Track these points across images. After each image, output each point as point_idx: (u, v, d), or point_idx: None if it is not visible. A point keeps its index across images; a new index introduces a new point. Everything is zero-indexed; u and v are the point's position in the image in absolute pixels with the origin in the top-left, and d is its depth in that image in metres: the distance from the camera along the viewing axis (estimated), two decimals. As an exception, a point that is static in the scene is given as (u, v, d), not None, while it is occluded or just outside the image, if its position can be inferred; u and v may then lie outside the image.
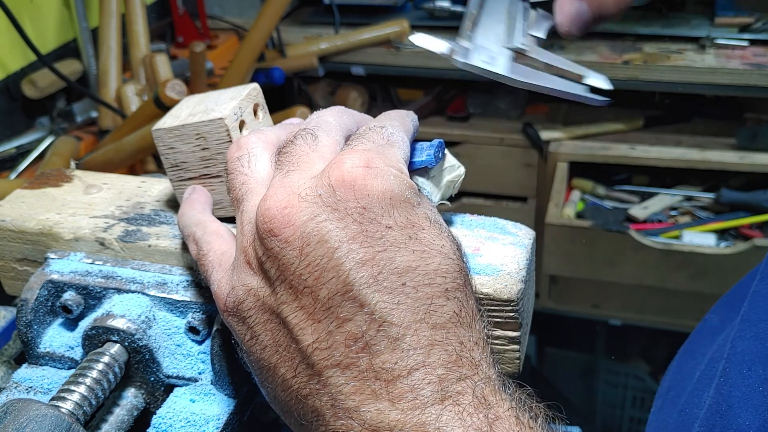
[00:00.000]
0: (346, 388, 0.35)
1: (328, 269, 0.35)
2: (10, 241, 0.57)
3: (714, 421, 0.50)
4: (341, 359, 0.35)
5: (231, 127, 0.49)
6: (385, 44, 2.01)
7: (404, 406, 0.34)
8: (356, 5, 2.10)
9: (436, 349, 0.35)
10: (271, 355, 0.38)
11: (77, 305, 0.53)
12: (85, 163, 1.26)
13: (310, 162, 0.40)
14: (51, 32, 1.53)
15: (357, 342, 0.35)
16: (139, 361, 0.50)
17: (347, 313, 0.35)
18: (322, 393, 0.35)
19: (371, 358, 0.34)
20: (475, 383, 0.35)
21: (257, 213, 0.38)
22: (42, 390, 0.53)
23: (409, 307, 0.35)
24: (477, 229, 0.52)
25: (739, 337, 0.52)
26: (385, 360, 0.34)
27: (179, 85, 1.24)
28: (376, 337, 0.35)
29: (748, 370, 0.50)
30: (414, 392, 0.34)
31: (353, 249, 0.35)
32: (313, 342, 0.36)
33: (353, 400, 0.35)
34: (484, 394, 0.34)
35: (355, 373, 0.35)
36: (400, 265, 0.35)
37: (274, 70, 1.85)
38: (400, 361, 0.34)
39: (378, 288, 0.35)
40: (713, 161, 1.84)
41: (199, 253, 0.45)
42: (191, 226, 0.47)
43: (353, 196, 0.36)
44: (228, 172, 0.44)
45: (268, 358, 0.38)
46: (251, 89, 0.51)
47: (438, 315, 0.35)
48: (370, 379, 0.34)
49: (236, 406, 0.50)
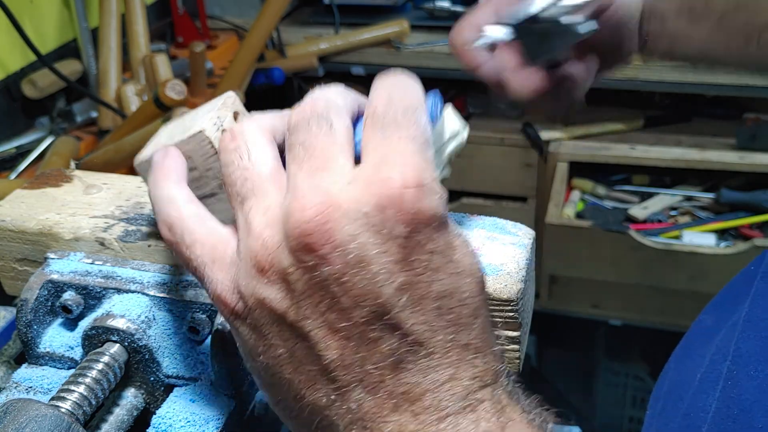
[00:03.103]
0: (367, 402, 0.34)
1: (366, 293, 0.34)
2: (10, 241, 0.57)
3: (725, 426, 0.50)
4: (366, 377, 0.34)
5: (214, 139, 0.46)
6: (385, 44, 2.01)
7: (425, 419, 0.33)
8: (356, 5, 2.10)
9: (465, 365, 0.34)
10: (284, 365, 0.36)
11: (77, 305, 0.53)
12: (85, 163, 1.26)
13: (333, 156, 0.36)
14: (51, 32, 1.53)
15: (386, 361, 0.34)
16: (139, 361, 0.50)
17: (379, 333, 0.34)
18: (341, 406, 0.35)
19: (399, 376, 0.34)
20: (494, 390, 0.35)
21: (289, 221, 0.34)
22: (42, 390, 0.53)
23: (442, 329, 0.34)
24: (477, 229, 0.52)
25: (743, 338, 0.52)
26: (414, 378, 0.34)
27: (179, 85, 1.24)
28: (407, 359, 0.34)
29: (755, 371, 0.50)
30: (438, 405, 0.34)
31: (395, 274, 0.34)
32: (338, 358, 0.34)
33: (374, 413, 0.34)
34: (500, 399, 0.35)
35: (379, 389, 0.34)
36: (437, 289, 0.35)
37: (274, 70, 1.85)
38: (428, 378, 0.34)
39: (414, 312, 0.34)
40: (713, 161, 1.84)
41: (177, 240, 0.40)
42: (164, 203, 0.41)
43: (402, 221, 0.34)
44: (224, 164, 0.39)
45: (280, 367, 0.36)
46: (227, 98, 0.48)
47: (467, 333, 0.35)
48: (395, 395, 0.34)
49: (236, 406, 0.50)
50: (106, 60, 1.54)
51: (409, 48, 2.00)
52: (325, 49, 2.00)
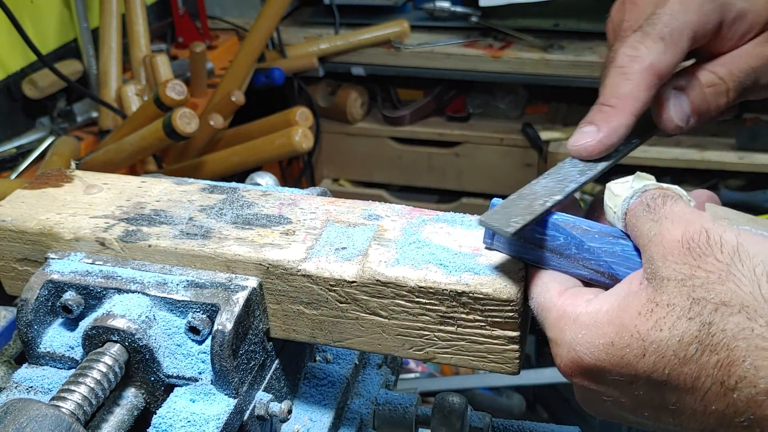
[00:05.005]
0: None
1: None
2: (11, 241, 0.57)
3: None
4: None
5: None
6: (385, 44, 2.01)
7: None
8: (356, 5, 2.10)
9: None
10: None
11: (77, 305, 0.53)
12: (85, 163, 1.26)
13: None
14: (51, 32, 1.53)
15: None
16: (140, 360, 0.50)
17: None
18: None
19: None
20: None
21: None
22: (42, 390, 0.53)
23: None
24: (477, 229, 0.52)
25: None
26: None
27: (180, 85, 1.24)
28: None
29: None
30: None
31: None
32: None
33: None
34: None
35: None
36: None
37: (274, 70, 1.85)
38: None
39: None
40: (712, 161, 1.84)
41: None
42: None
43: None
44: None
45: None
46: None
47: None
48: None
49: (236, 406, 0.50)
50: (106, 60, 1.54)
51: (409, 48, 2.00)
52: (325, 50, 2.00)
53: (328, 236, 0.54)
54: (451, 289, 0.48)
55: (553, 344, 0.44)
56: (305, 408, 0.61)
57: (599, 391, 0.42)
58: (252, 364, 0.52)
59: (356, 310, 0.51)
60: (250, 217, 0.56)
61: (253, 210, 0.57)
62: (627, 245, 0.44)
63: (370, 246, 0.52)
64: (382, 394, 0.66)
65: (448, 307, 0.49)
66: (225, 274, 0.52)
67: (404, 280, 0.49)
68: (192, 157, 1.49)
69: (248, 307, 0.51)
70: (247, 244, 0.53)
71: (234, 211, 0.57)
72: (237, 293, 0.50)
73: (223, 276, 0.52)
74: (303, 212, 0.56)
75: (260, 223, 0.55)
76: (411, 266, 0.49)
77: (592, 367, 0.41)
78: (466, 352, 0.50)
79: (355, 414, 0.64)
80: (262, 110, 1.66)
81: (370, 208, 0.57)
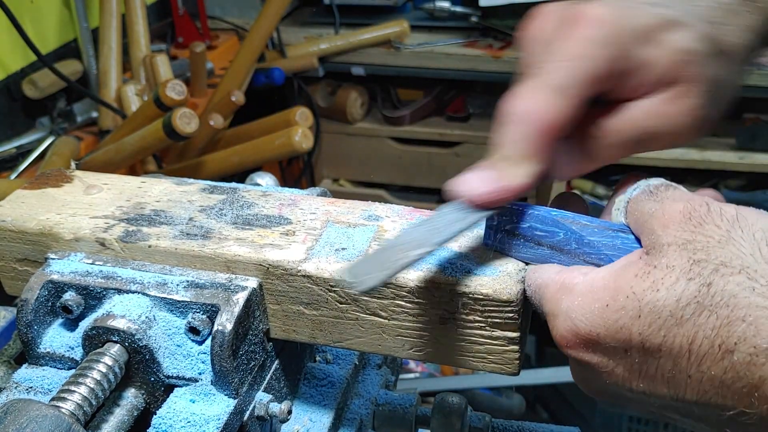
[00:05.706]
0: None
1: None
2: (11, 241, 0.57)
3: None
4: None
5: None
6: (385, 44, 2.02)
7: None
8: (356, 5, 2.11)
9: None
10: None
11: (77, 305, 0.53)
12: (85, 163, 1.26)
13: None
14: (51, 32, 1.53)
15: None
16: (140, 361, 0.50)
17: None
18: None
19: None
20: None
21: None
22: (42, 390, 0.53)
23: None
24: (477, 229, 0.52)
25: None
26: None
27: (180, 85, 1.24)
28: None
29: None
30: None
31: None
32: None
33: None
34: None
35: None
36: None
37: (274, 70, 1.85)
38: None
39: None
40: (713, 161, 1.84)
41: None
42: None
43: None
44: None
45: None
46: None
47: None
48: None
49: (236, 407, 0.50)
50: (106, 60, 1.54)
51: (409, 48, 2.00)
52: (325, 50, 2.00)
53: (328, 237, 0.54)
54: (450, 290, 0.48)
55: (550, 317, 0.44)
56: (305, 408, 0.61)
57: (594, 363, 0.41)
58: (252, 365, 0.52)
59: (356, 311, 0.51)
60: (250, 217, 0.56)
61: (253, 210, 0.57)
62: (627, 238, 0.44)
63: (370, 246, 0.52)
64: (382, 395, 0.66)
65: (447, 308, 0.49)
66: (225, 274, 0.52)
67: (404, 280, 0.49)
68: (192, 157, 1.49)
69: (248, 308, 0.51)
70: (247, 244, 0.53)
71: (234, 211, 0.57)
72: (237, 294, 0.50)
73: (223, 276, 0.52)
74: (303, 213, 0.56)
75: (260, 224, 0.55)
76: (411, 267, 0.49)
77: (587, 334, 0.40)
78: (466, 352, 0.50)
79: (355, 414, 0.64)
80: (262, 110, 1.66)
81: (370, 208, 0.57)
